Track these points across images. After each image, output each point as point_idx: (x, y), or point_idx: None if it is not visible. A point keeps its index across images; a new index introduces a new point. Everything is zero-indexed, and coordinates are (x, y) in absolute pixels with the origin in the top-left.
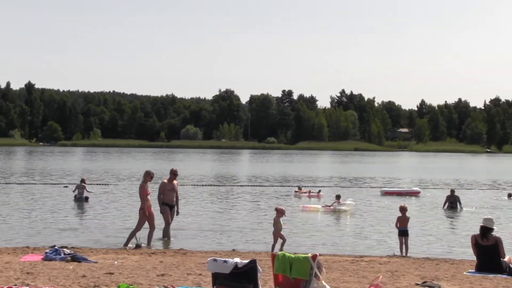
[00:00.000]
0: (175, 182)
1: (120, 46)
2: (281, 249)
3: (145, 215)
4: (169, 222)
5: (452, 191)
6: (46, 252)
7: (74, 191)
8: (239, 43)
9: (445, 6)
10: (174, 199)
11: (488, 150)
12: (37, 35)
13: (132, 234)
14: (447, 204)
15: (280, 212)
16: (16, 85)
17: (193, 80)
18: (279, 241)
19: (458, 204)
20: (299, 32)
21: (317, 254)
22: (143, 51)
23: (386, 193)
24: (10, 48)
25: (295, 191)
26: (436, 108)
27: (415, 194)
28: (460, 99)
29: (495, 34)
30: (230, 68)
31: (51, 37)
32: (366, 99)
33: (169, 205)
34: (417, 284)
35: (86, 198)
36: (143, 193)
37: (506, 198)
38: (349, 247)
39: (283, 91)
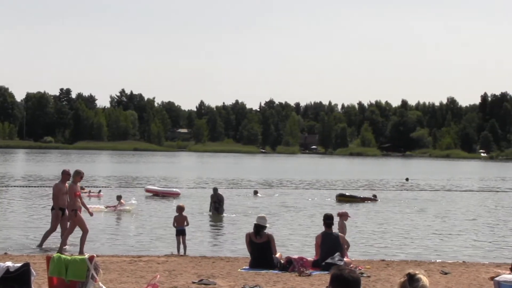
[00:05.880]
0: (66, 185)
1: None
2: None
3: (75, 216)
4: (55, 228)
5: (215, 190)
6: None
7: None
8: (14, 38)
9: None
10: (67, 202)
11: (263, 150)
12: None
13: (65, 237)
14: (212, 204)
15: (344, 216)
16: None
17: None
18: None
19: (221, 204)
20: (78, 29)
21: (94, 255)
22: None
23: (148, 191)
24: None
25: None
26: (215, 109)
27: (174, 195)
28: (237, 101)
29: (271, 37)
30: (4, 64)
31: None
32: (146, 99)
33: (62, 210)
34: (193, 282)
35: None
36: (75, 193)
37: (252, 195)
38: (129, 247)
39: (61, 89)
